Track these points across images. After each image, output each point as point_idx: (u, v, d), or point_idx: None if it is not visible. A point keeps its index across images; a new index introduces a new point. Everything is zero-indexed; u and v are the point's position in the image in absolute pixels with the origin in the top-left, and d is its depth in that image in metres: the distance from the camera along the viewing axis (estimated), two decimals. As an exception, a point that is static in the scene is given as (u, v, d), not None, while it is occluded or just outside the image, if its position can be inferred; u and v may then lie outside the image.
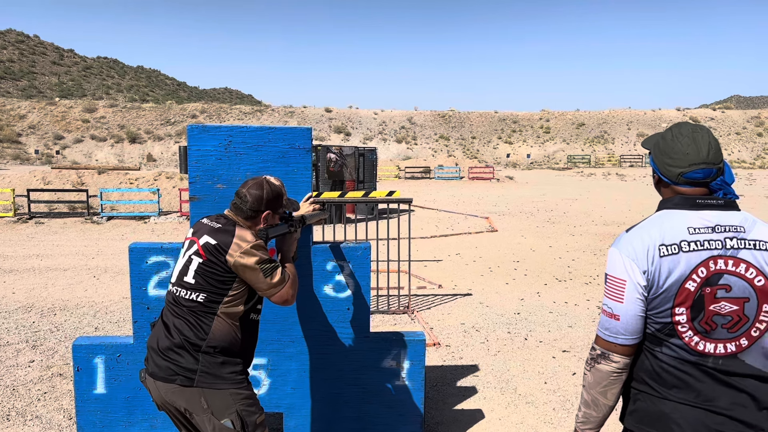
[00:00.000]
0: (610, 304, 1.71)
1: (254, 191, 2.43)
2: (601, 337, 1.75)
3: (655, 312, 1.68)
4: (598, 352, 1.75)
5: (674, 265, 1.64)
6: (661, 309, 1.66)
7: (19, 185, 19.67)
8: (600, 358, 1.75)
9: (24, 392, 4.58)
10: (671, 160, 1.75)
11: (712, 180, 1.73)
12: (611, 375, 1.73)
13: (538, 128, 66.06)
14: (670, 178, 1.76)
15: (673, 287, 1.64)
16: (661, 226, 1.69)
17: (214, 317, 2.33)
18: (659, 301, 1.66)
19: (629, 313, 1.68)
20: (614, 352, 1.72)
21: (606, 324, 1.73)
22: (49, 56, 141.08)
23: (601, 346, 1.75)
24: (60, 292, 7.92)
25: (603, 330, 1.74)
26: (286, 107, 66.85)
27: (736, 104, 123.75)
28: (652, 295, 1.66)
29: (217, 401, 2.29)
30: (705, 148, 1.72)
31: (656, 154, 1.82)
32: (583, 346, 5.68)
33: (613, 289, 1.71)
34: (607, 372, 1.73)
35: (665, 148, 1.78)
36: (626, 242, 1.71)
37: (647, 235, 1.68)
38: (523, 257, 10.53)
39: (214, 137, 3.21)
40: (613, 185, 31.15)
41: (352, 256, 3.34)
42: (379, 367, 3.43)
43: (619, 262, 1.70)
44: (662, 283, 1.64)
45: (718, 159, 1.72)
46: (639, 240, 1.69)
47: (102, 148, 56.00)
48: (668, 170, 1.76)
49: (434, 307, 7.14)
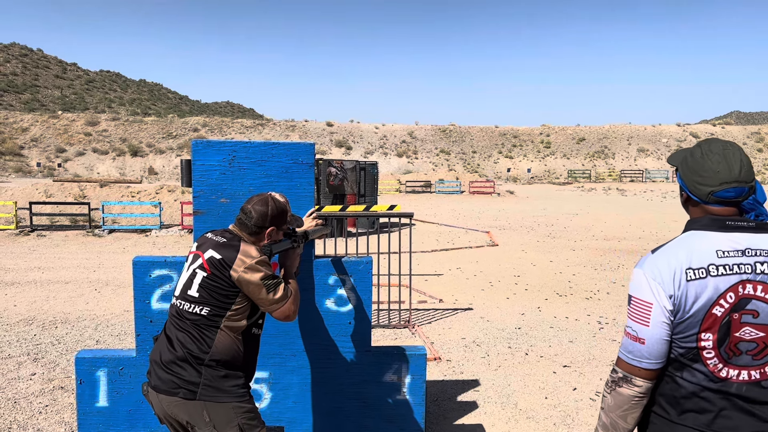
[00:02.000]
0: (635, 326, 1.65)
1: (259, 207, 2.46)
2: (624, 360, 1.69)
3: (680, 337, 1.62)
4: (620, 375, 1.69)
5: (701, 289, 1.58)
6: (687, 334, 1.60)
7: (21, 198, 19.74)
8: (622, 381, 1.68)
9: (25, 405, 4.58)
10: (701, 179, 1.68)
11: (743, 199, 1.66)
12: (633, 399, 1.67)
13: (538, 143, 66.27)
14: (699, 196, 1.69)
15: (699, 312, 1.58)
16: (688, 248, 1.62)
17: (218, 331, 2.35)
18: (685, 326, 1.60)
19: (654, 337, 1.61)
20: (637, 375, 1.66)
21: (629, 347, 1.67)
22: (52, 70, 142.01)
23: (623, 369, 1.69)
24: (61, 305, 7.93)
25: (626, 353, 1.68)
26: (287, 121, 67.16)
27: (736, 120, 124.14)
28: (678, 320, 1.60)
29: (219, 415, 2.30)
30: (737, 166, 1.65)
31: (684, 172, 1.74)
32: (583, 361, 5.68)
33: (639, 312, 1.64)
34: (628, 396, 1.67)
35: (694, 166, 1.71)
36: (652, 264, 1.64)
37: (674, 257, 1.62)
38: (523, 272, 10.55)
39: (218, 152, 3.25)
40: (613, 200, 31.18)
41: (354, 271, 3.37)
42: (380, 381, 3.44)
43: (645, 284, 1.63)
44: (689, 308, 1.58)
45: (750, 177, 1.66)
46: (665, 262, 1.62)
47: (104, 161, 56.19)
48: (698, 189, 1.69)
49: (435, 322, 7.14)
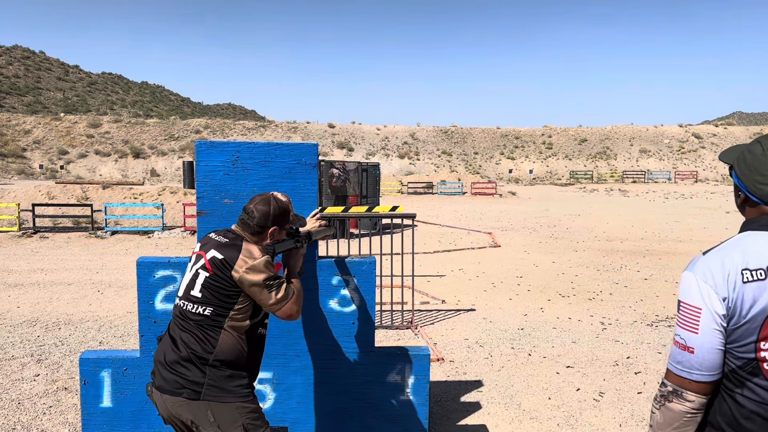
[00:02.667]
0: (684, 334, 1.52)
1: (261, 207, 2.46)
2: (673, 372, 1.55)
3: (736, 346, 1.48)
4: (670, 388, 1.56)
5: (760, 292, 1.44)
6: (744, 342, 1.46)
7: (24, 200, 19.77)
8: (672, 395, 1.55)
9: (29, 406, 4.59)
10: (763, 177, 1.56)
11: None
12: (684, 416, 1.53)
13: (540, 144, 66.24)
14: (761, 197, 1.56)
15: (758, 317, 1.44)
16: (744, 248, 1.50)
17: (221, 331, 2.35)
18: (741, 332, 1.46)
19: (705, 346, 1.48)
20: (688, 389, 1.52)
21: (678, 357, 1.53)
22: (55, 72, 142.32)
23: (673, 383, 1.55)
24: (64, 307, 7.95)
25: (675, 364, 1.55)
26: (289, 123, 67.24)
27: (738, 120, 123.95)
28: (733, 326, 1.47)
29: (223, 415, 2.31)
30: None
31: (743, 171, 1.62)
32: (586, 362, 5.68)
33: (687, 318, 1.51)
34: (680, 412, 1.53)
35: (755, 164, 1.58)
36: (703, 265, 1.52)
37: (728, 258, 1.49)
38: (526, 273, 10.54)
39: (221, 153, 3.26)
40: (615, 201, 31.16)
41: (357, 271, 3.37)
42: (383, 382, 3.44)
43: (695, 287, 1.51)
44: (745, 312, 1.45)
45: None
46: (718, 263, 1.50)
47: (106, 163, 56.30)
48: (759, 188, 1.56)
49: (438, 323, 7.14)
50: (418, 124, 69.93)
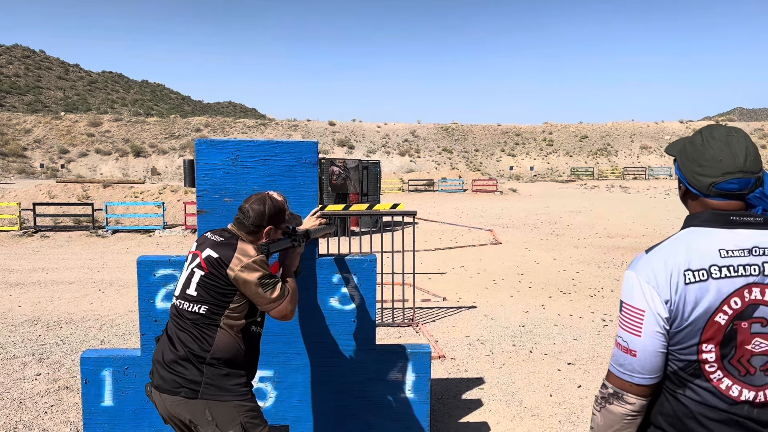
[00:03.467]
0: (626, 337, 1.48)
1: (257, 206, 2.46)
2: (615, 374, 1.52)
3: (678, 348, 1.44)
4: (611, 390, 1.52)
5: (702, 293, 1.40)
6: (686, 345, 1.43)
7: (25, 199, 19.79)
8: (612, 398, 1.52)
9: (31, 405, 4.60)
10: (701, 168, 1.51)
11: (749, 192, 1.49)
12: (624, 418, 1.50)
13: (541, 141, 66.20)
14: (699, 189, 1.52)
15: (700, 320, 1.41)
16: (687, 247, 1.45)
17: (218, 329, 2.35)
18: (684, 335, 1.43)
19: (648, 349, 1.45)
20: (629, 392, 1.49)
21: (620, 359, 1.50)
22: (55, 71, 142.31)
23: (614, 385, 1.52)
24: (66, 306, 7.95)
25: (617, 366, 1.51)
26: (290, 120, 67.22)
27: (739, 116, 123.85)
28: (676, 329, 1.43)
29: (221, 413, 2.31)
30: (742, 154, 1.47)
31: (683, 162, 1.57)
32: (588, 359, 5.67)
33: (630, 320, 1.47)
34: (620, 414, 1.50)
35: (694, 154, 1.53)
36: (645, 265, 1.47)
37: (671, 257, 1.44)
38: (527, 270, 10.53)
39: (221, 151, 3.25)
40: (616, 197, 31.13)
41: (358, 269, 3.36)
42: (384, 380, 3.44)
43: (637, 288, 1.46)
44: (687, 315, 1.41)
45: (756, 167, 1.48)
46: (661, 263, 1.44)
47: (107, 161, 56.32)
48: (697, 180, 1.52)
49: (439, 320, 7.14)
50: (418, 122, 69.92)
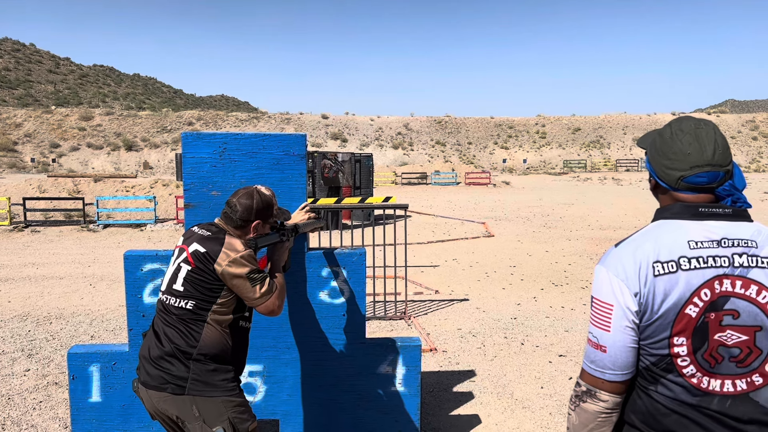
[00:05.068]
0: (596, 332, 1.45)
1: (244, 201, 2.43)
2: (587, 372, 1.49)
3: (649, 342, 1.42)
4: (584, 388, 1.50)
5: (672, 285, 1.38)
6: (657, 339, 1.41)
7: (15, 194, 19.64)
8: (585, 395, 1.49)
9: (19, 401, 4.56)
10: (670, 162, 1.49)
11: (718, 185, 1.48)
12: (599, 416, 1.47)
13: (534, 133, 66.24)
14: (668, 182, 1.51)
15: (670, 312, 1.39)
16: (656, 239, 1.43)
17: (204, 324, 2.33)
18: (654, 329, 1.40)
19: (617, 344, 1.42)
20: (601, 389, 1.46)
21: (592, 356, 1.47)
22: (45, 65, 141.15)
23: (586, 382, 1.49)
24: (56, 301, 7.90)
25: (589, 363, 1.49)
26: (282, 114, 66.95)
27: (731, 108, 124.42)
28: (646, 322, 1.41)
29: (208, 409, 2.29)
30: (710, 147, 1.46)
31: (653, 155, 1.56)
32: (579, 351, 5.69)
33: (599, 316, 1.45)
34: (594, 412, 1.47)
35: (663, 148, 1.52)
36: (615, 259, 1.45)
37: (640, 250, 1.43)
38: (519, 262, 10.55)
39: (208, 144, 3.22)
40: (609, 190, 31.22)
41: (347, 263, 3.34)
42: (375, 373, 3.43)
43: (606, 282, 1.44)
44: (657, 307, 1.39)
45: (725, 160, 1.47)
46: (630, 256, 1.43)
47: (98, 156, 55.96)
48: (666, 173, 1.51)
49: (431, 313, 7.14)
50: (411, 115, 69.79)
